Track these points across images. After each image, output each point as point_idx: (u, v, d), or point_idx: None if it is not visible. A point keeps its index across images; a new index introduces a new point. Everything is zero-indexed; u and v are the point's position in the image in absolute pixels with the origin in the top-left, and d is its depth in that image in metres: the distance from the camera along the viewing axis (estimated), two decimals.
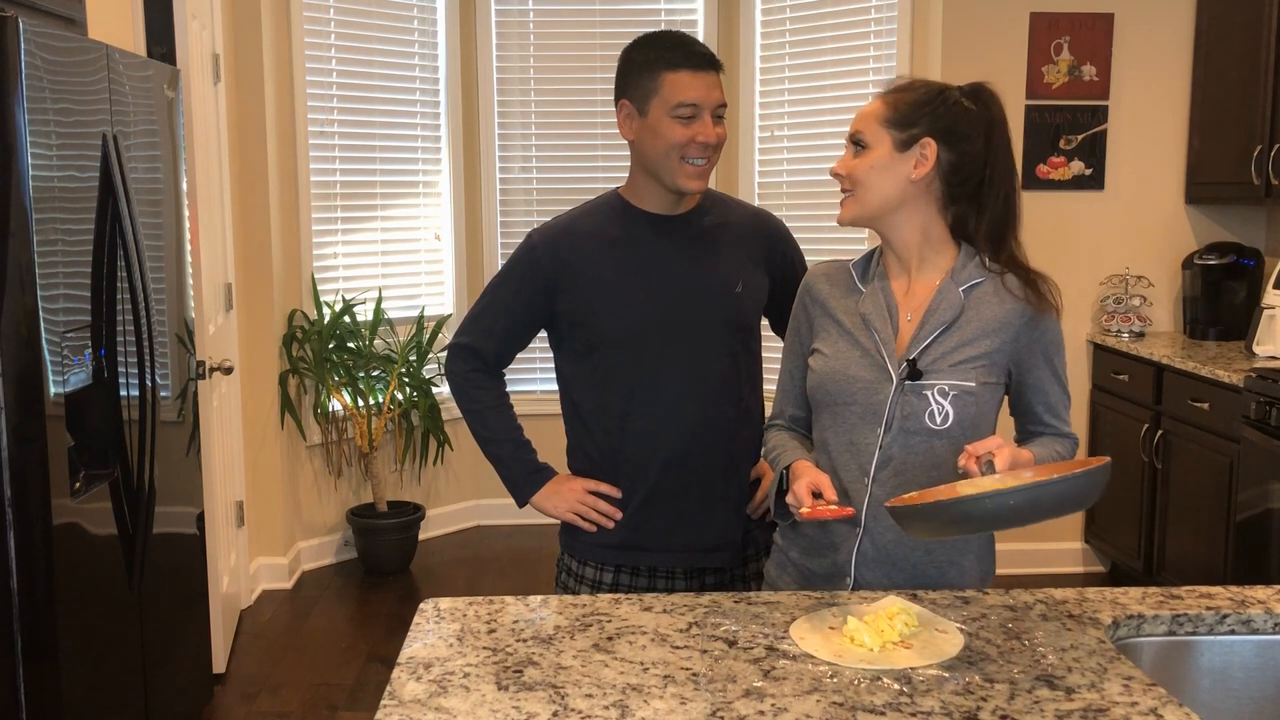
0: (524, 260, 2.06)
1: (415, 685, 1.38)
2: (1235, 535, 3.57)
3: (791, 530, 1.88)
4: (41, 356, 2.24)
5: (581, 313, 2.02)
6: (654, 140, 1.97)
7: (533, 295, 2.05)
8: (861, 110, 1.78)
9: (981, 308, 1.76)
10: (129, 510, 2.65)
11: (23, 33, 2.16)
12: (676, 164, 1.96)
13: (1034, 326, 1.77)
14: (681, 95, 1.94)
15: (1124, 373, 4.32)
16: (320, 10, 4.66)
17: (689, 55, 1.95)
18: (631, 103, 2.00)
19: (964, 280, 1.77)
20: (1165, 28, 4.46)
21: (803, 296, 1.89)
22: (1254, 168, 4.00)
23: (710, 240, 2.06)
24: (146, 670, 2.77)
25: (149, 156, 2.87)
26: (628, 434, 2.03)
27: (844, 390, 1.76)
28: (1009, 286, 1.77)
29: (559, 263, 2.02)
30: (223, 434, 3.94)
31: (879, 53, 4.69)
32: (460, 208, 5.20)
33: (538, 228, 2.08)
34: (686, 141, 1.94)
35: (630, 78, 2.00)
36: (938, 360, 1.73)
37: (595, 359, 2.04)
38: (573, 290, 2.02)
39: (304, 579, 4.65)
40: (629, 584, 2.07)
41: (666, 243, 2.04)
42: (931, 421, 1.72)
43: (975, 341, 1.74)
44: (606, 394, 2.04)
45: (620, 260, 2.02)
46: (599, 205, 2.10)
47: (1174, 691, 1.55)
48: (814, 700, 1.33)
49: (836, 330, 1.81)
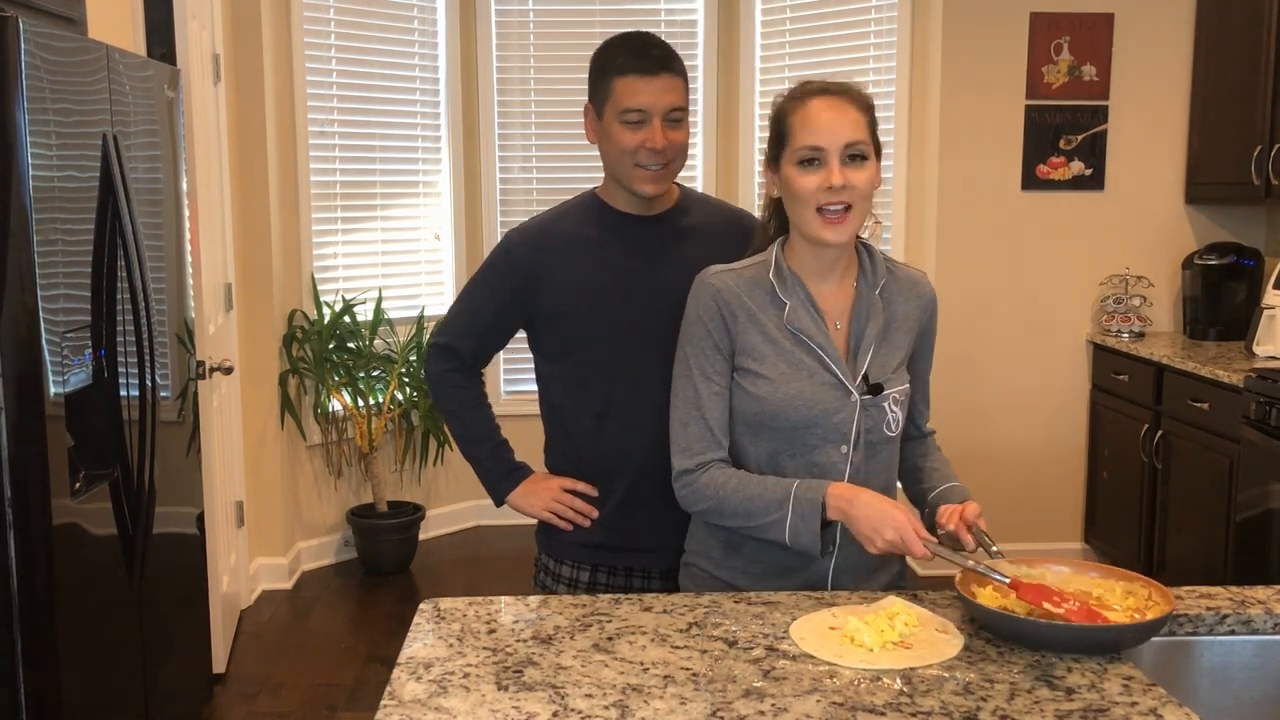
0: (501, 261, 2.06)
1: (415, 685, 1.38)
2: (1235, 535, 3.57)
3: (736, 553, 1.81)
4: (41, 356, 2.24)
5: (557, 313, 2.02)
6: (608, 145, 1.98)
7: (509, 296, 2.05)
8: (835, 116, 1.69)
9: (893, 306, 1.79)
10: (129, 510, 2.65)
11: (23, 33, 2.16)
12: (630, 169, 1.95)
13: (931, 317, 1.84)
14: (628, 101, 1.93)
15: (1124, 373, 4.32)
16: (320, 10, 4.66)
17: (639, 60, 1.94)
18: (592, 106, 2.01)
19: (875, 282, 1.79)
20: (1165, 28, 4.46)
21: (716, 310, 1.75)
22: (1254, 168, 4.00)
23: (687, 239, 2.05)
24: (146, 670, 2.77)
25: (149, 156, 2.87)
26: (604, 434, 2.03)
27: (802, 415, 1.71)
28: (905, 278, 1.82)
29: (535, 264, 2.02)
30: (223, 434, 3.94)
31: (879, 53, 4.69)
32: (460, 208, 5.20)
33: (515, 228, 2.08)
34: (635, 147, 1.93)
35: (591, 82, 2.01)
36: (881, 369, 1.75)
37: (572, 359, 2.04)
38: (549, 291, 2.01)
39: (304, 579, 4.65)
40: (606, 583, 2.07)
41: (642, 242, 2.03)
42: (889, 430, 1.76)
43: (898, 341, 1.78)
44: (583, 394, 2.04)
45: (596, 261, 2.01)
46: (575, 206, 2.10)
47: (1174, 691, 1.55)
48: (814, 700, 1.33)
49: (772, 350, 1.74)
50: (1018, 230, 4.54)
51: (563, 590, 2.09)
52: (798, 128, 1.71)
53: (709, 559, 1.84)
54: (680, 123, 1.97)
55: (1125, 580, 1.57)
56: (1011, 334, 4.57)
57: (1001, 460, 4.60)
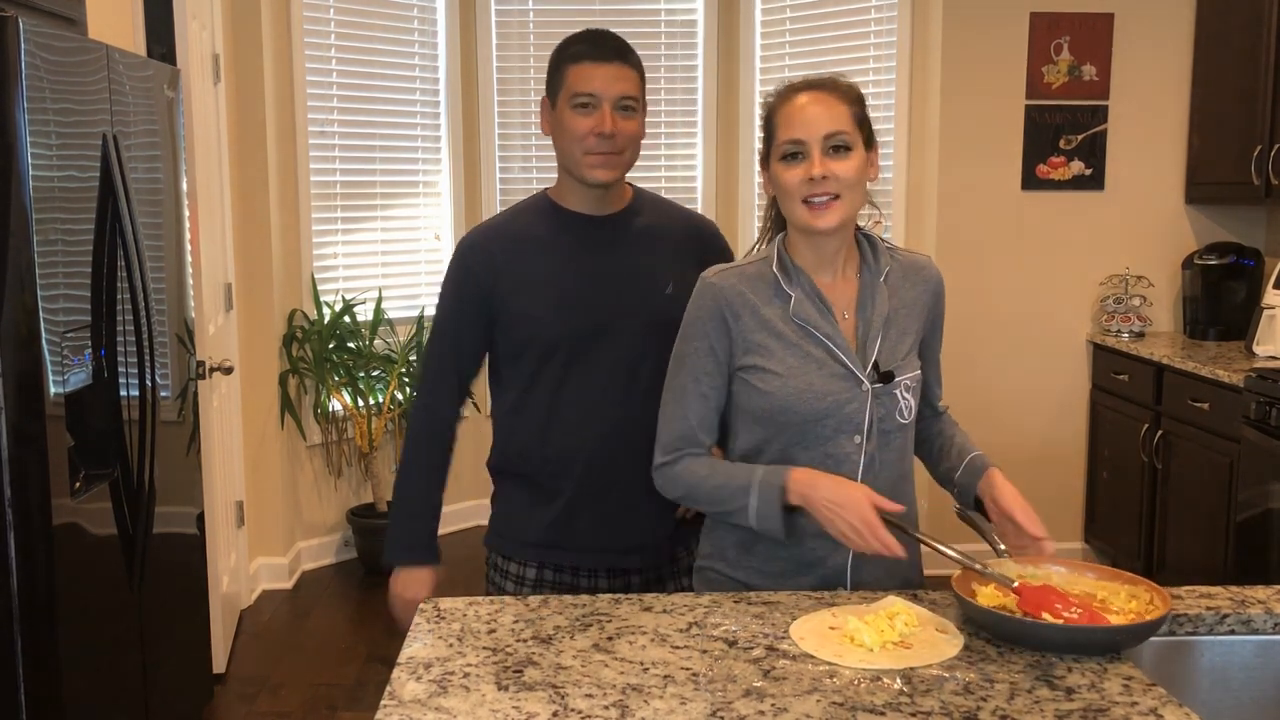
0: (457, 268, 2.06)
1: (415, 685, 1.38)
2: (1235, 535, 3.57)
3: (750, 553, 1.81)
4: (41, 356, 2.24)
5: (508, 314, 2.02)
6: (559, 133, 1.99)
7: (472, 299, 2.04)
8: (817, 109, 1.70)
9: (900, 293, 1.80)
10: (129, 510, 2.65)
11: (23, 33, 2.16)
12: (580, 155, 1.96)
13: (938, 300, 1.85)
14: (579, 85, 1.95)
15: (1124, 373, 4.32)
16: (320, 10, 4.66)
17: (592, 47, 1.98)
18: (548, 99, 2.03)
19: (880, 270, 1.79)
20: (1165, 28, 4.46)
21: (716, 308, 1.76)
22: (1254, 168, 4.00)
23: (640, 241, 2.05)
24: (146, 670, 2.77)
25: (149, 156, 2.87)
26: (551, 434, 2.02)
27: (813, 407, 1.72)
28: (909, 264, 1.83)
29: (488, 265, 2.02)
30: (223, 434, 3.94)
31: (879, 53, 4.69)
32: (460, 208, 5.20)
33: (467, 233, 2.10)
34: (585, 133, 1.94)
35: (548, 74, 2.04)
36: (891, 356, 1.75)
37: (525, 360, 2.03)
38: (501, 291, 2.01)
39: (304, 579, 4.65)
40: (552, 580, 2.07)
41: (593, 243, 2.03)
42: (901, 418, 1.76)
43: (906, 327, 1.79)
44: (532, 393, 2.03)
45: (546, 261, 2.01)
46: (527, 206, 2.09)
47: (1174, 691, 1.55)
48: (814, 700, 1.33)
49: (779, 344, 1.74)
50: (1018, 230, 4.54)
51: (510, 587, 2.09)
52: (781, 124, 1.73)
53: (724, 560, 1.84)
54: (633, 112, 1.98)
55: (1130, 584, 1.57)
56: (1011, 334, 4.57)
57: (1001, 460, 4.53)
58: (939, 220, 4.51)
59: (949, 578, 1.56)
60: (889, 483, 1.76)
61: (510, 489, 2.12)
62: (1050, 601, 1.50)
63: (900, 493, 1.77)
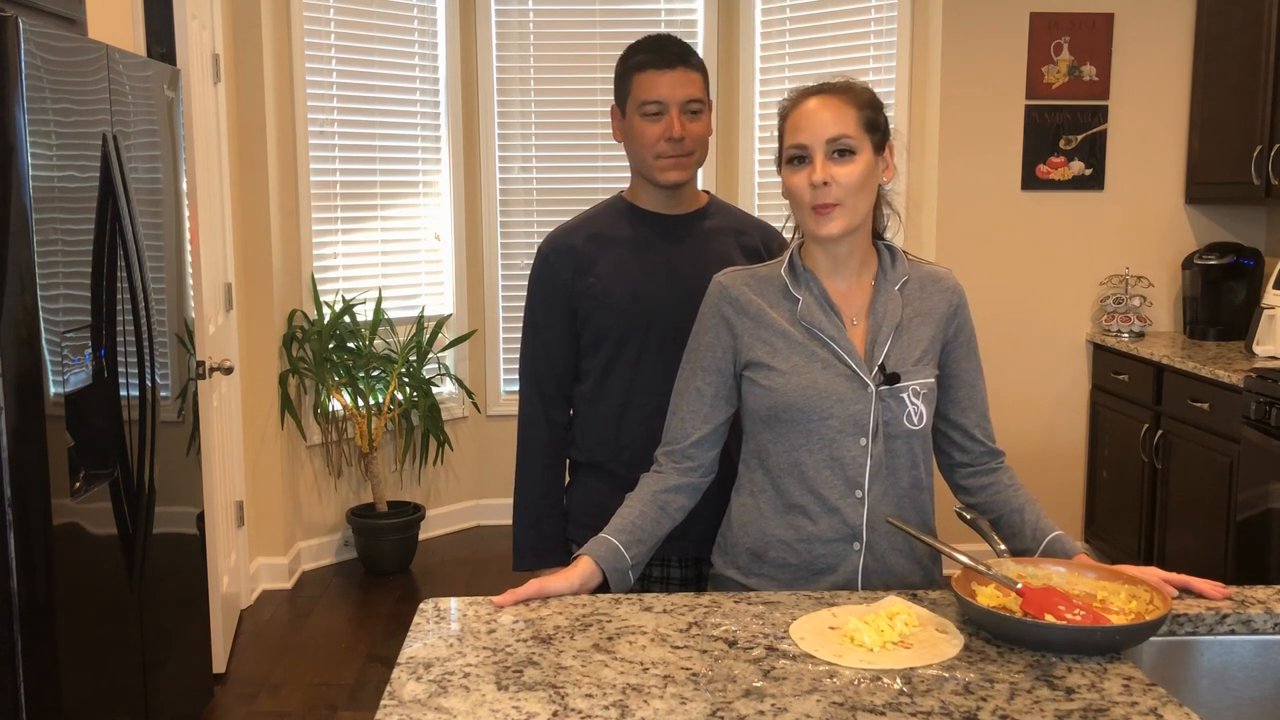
0: (541, 267, 2.16)
1: (415, 685, 1.38)
2: (1235, 535, 3.57)
3: (762, 561, 1.81)
4: (41, 356, 2.24)
5: (589, 303, 2.11)
6: (631, 140, 2.09)
7: (558, 294, 2.14)
8: (823, 114, 1.69)
9: (915, 301, 1.79)
10: (129, 510, 2.65)
11: (23, 33, 2.16)
12: (651, 160, 2.07)
13: (957, 313, 1.82)
14: (646, 94, 2.05)
15: (1124, 373, 4.32)
16: (320, 10, 4.66)
17: (655, 55, 2.06)
18: (617, 107, 2.13)
19: (896, 279, 1.79)
20: (1165, 28, 4.46)
21: (720, 307, 1.79)
22: (1254, 168, 4.00)
23: (711, 240, 2.15)
24: (146, 670, 2.77)
25: (149, 156, 2.87)
26: (625, 423, 2.11)
27: (818, 406, 1.72)
28: (928, 275, 1.82)
29: (569, 262, 2.12)
30: (223, 434, 3.94)
31: (879, 53, 4.69)
32: (460, 208, 5.20)
33: (546, 237, 2.19)
34: (655, 139, 2.05)
35: (615, 84, 2.14)
36: (900, 361, 1.74)
37: (602, 349, 2.12)
38: (582, 286, 2.11)
39: (304, 579, 4.65)
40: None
41: (669, 240, 2.13)
42: (910, 423, 1.75)
43: (920, 335, 1.77)
44: (607, 383, 2.12)
45: (625, 257, 2.11)
46: (604, 208, 2.20)
47: (1174, 691, 1.55)
48: (814, 700, 1.33)
49: (784, 342, 1.75)
50: (1018, 230, 4.54)
51: None
52: (789, 128, 1.75)
53: (736, 568, 1.85)
54: (699, 114, 2.08)
55: (1130, 584, 1.57)
56: (1011, 334, 4.57)
57: None
58: (939, 221, 4.52)
59: (949, 578, 1.56)
60: (901, 491, 1.76)
61: (590, 478, 2.19)
62: (1054, 603, 1.51)
63: (915, 503, 1.78)
